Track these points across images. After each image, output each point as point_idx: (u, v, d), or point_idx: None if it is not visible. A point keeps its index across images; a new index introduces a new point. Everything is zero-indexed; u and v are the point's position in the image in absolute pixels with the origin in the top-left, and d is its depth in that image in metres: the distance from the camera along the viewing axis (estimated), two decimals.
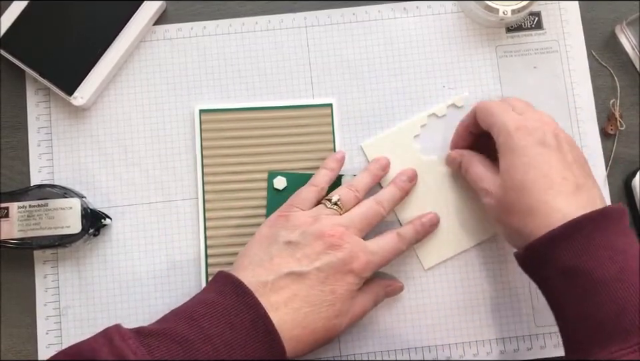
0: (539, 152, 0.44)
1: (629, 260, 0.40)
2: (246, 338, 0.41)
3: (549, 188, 0.43)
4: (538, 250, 0.42)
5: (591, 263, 0.40)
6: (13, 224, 0.51)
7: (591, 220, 0.41)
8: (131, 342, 0.39)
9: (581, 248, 0.40)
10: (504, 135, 0.46)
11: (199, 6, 0.57)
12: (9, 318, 0.53)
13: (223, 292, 0.43)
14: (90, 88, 0.54)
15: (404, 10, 0.57)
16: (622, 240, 0.41)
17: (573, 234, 0.41)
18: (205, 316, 0.41)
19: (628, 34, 0.56)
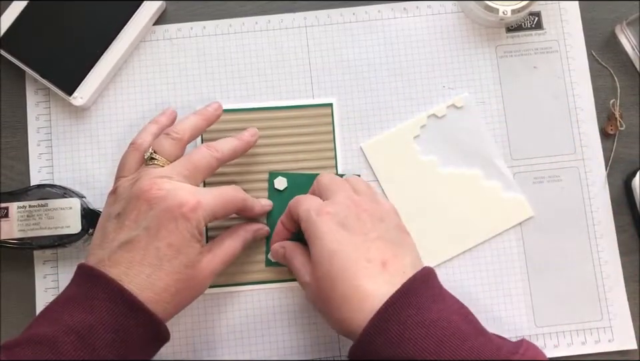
0: (341, 236, 0.43)
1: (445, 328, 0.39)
2: (108, 315, 0.40)
3: (356, 273, 0.42)
4: (359, 353, 0.42)
5: (409, 349, 0.39)
6: (12, 224, 0.51)
7: (396, 301, 0.40)
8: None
9: (395, 338, 0.39)
10: (307, 222, 0.45)
11: (198, 6, 0.57)
12: (9, 318, 0.53)
13: (75, 281, 0.43)
14: (90, 88, 0.54)
15: (404, 10, 0.57)
16: (434, 307, 0.41)
17: (383, 326, 0.40)
18: (63, 309, 0.41)
19: (628, 34, 0.56)
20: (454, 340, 0.39)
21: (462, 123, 0.55)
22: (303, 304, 0.54)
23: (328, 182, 0.48)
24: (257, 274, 0.53)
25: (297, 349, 0.53)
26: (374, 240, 0.44)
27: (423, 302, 0.41)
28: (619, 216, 0.55)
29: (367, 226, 0.44)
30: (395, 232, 0.45)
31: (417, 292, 0.41)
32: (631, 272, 0.54)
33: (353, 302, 0.41)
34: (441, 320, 0.40)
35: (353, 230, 0.44)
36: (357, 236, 0.43)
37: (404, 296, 0.40)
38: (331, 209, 0.45)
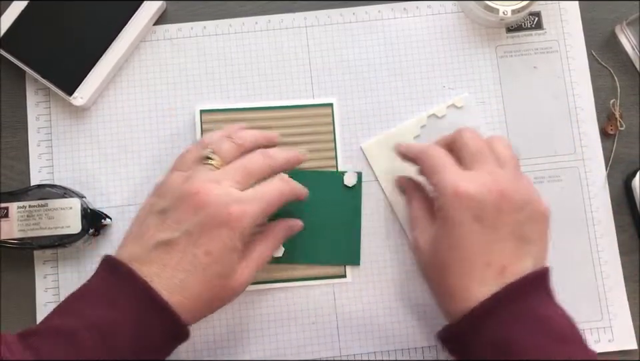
0: (469, 230, 0.42)
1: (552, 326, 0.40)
2: (131, 315, 0.40)
3: (468, 274, 0.42)
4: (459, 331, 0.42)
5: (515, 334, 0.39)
6: (12, 224, 0.51)
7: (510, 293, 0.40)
8: (13, 347, 0.38)
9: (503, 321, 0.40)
10: (442, 200, 0.43)
11: (199, 6, 0.57)
12: (9, 318, 0.53)
13: (100, 274, 0.43)
14: (90, 88, 0.54)
15: (404, 11, 0.57)
16: (544, 306, 0.41)
17: (494, 309, 0.40)
18: (86, 303, 0.41)
19: (628, 34, 0.56)
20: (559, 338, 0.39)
21: (462, 123, 0.55)
22: (303, 303, 0.54)
23: (474, 149, 0.45)
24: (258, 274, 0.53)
25: (297, 349, 0.53)
26: (503, 238, 0.42)
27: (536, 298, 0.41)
28: (618, 216, 0.55)
29: (502, 218, 0.42)
30: (529, 224, 0.43)
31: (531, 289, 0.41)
32: (631, 272, 0.54)
33: (456, 299, 0.42)
34: (551, 317, 0.40)
35: (487, 223, 0.42)
36: (486, 232, 0.42)
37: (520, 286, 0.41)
38: (471, 191, 0.42)
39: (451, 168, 0.44)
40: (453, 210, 0.42)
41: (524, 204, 0.43)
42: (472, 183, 0.42)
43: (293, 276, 0.53)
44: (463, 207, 0.42)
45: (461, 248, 0.42)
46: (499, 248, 0.42)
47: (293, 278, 0.53)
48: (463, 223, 0.42)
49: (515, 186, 0.43)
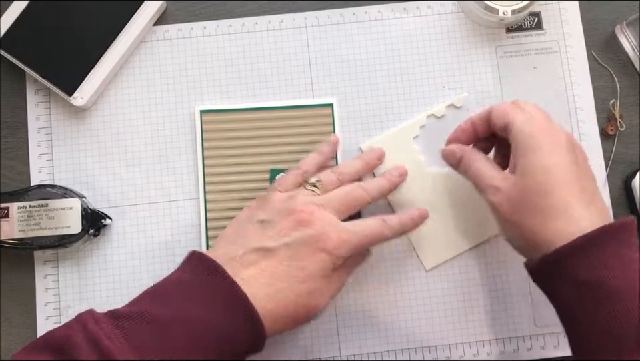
0: (562, 158, 0.43)
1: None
2: (224, 318, 0.41)
3: (572, 196, 0.42)
4: (552, 263, 0.42)
5: (604, 274, 0.39)
6: (13, 224, 0.51)
7: (605, 233, 0.41)
8: (104, 326, 0.39)
9: (595, 261, 0.40)
10: (525, 134, 0.44)
11: (198, 7, 0.57)
12: (9, 318, 0.53)
13: (196, 272, 0.43)
14: (90, 89, 0.54)
15: (404, 11, 0.57)
16: (635, 251, 0.41)
17: (589, 249, 0.40)
18: (179, 297, 0.41)
19: (628, 35, 0.56)
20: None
21: None
22: None
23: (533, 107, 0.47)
24: None
25: (297, 349, 0.53)
26: (586, 174, 0.44)
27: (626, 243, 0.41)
28: (619, 216, 0.55)
29: (580, 157, 0.45)
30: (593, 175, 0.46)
31: (622, 234, 0.41)
32: None
33: (560, 219, 0.42)
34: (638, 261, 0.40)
35: (572, 155, 0.44)
36: (574, 163, 0.44)
37: (614, 229, 0.41)
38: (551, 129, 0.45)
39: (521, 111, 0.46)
40: (541, 141, 0.44)
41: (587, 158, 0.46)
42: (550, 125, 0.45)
43: None
44: (549, 138, 0.44)
45: (560, 171, 0.43)
46: (586, 179, 0.44)
47: None
48: (553, 151, 0.43)
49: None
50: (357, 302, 0.54)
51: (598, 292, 0.39)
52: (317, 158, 0.51)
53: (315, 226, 0.45)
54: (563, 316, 0.43)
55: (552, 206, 0.42)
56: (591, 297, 0.40)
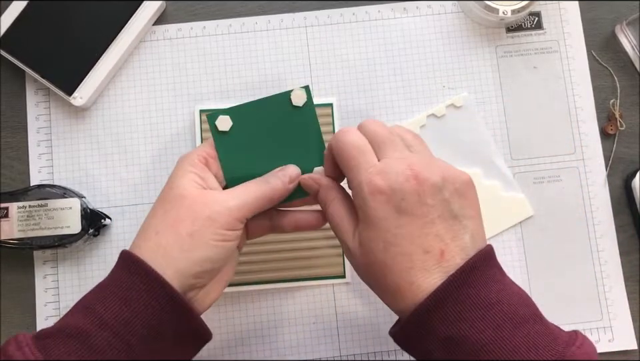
0: (397, 223, 0.39)
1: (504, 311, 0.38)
2: (145, 311, 0.39)
3: (411, 268, 0.39)
4: (411, 328, 0.40)
5: (466, 329, 0.38)
6: (12, 224, 0.51)
7: (456, 280, 0.39)
8: (26, 350, 0.38)
9: (452, 315, 0.38)
10: (359, 199, 0.40)
11: (198, 6, 0.57)
12: (9, 318, 0.53)
13: (115, 269, 0.41)
14: (90, 88, 0.54)
15: (404, 11, 0.57)
16: (494, 287, 0.39)
17: (440, 304, 0.39)
18: (99, 301, 0.39)
19: (628, 34, 0.56)
20: (511, 324, 0.38)
21: (461, 123, 0.55)
22: (303, 303, 0.54)
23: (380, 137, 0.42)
24: (257, 274, 0.53)
25: (297, 349, 0.53)
26: (434, 222, 0.39)
27: (483, 281, 0.39)
28: (619, 216, 0.55)
29: (427, 203, 0.39)
30: (457, 198, 0.40)
31: (476, 271, 0.39)
32: (631, 272, 0.54)
33: (405, 295, 0.40)
34: (499, 302, 0.38)
35: (412, 212, 0.39)
36: (415, 221, 0.39)
37: (464, 274, 0.39)
38: (386, 184, 0.39)
39: (364, 163, 0.41)
40: (374, 208, 0.40)
41: (443, 182, 0.40)
42: (386, 176, 0.40)
43: (293, 276, 0.53)
44: (384, 202, 0.40)
45: (395, 244, 0.40)
46: (432, 233, 0.39)
47: (293, 278, 0.53)
48: (388, 218, 0.39)
49: (430, 167, 0.41)
50: (356, 301, 0.54)
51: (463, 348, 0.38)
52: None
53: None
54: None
55: (393, 283, 0.40)
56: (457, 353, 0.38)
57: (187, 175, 0.43)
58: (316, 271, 0.54)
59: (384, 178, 0.40)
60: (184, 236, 0.40)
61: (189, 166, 0.43)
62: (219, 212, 0.41)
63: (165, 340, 0.40)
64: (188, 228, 0.41)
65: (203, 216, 0.41)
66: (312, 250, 0.54)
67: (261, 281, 0.53)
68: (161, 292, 0.39)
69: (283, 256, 0.54)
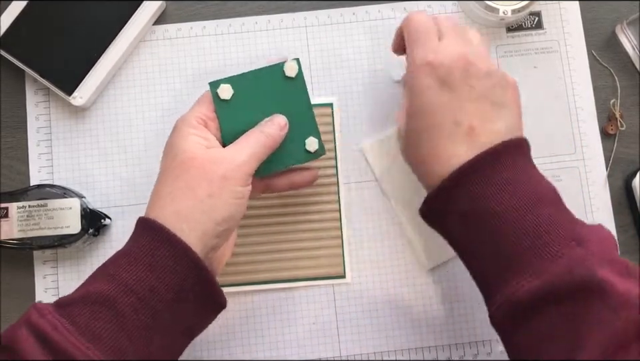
0: (436, 93, 0.42)
1: (524, 190, 0.40)
2: (170, 276, 0.39)
3: (442, 137, 0.42)
4: (434, 203, 0.43)
5: (484, 202, 0.40)
6: (12, 224, 0.51)
7: (479, 162, 0.40)
8: (49, 317, 0.38)
9: (473, 191, 0.40)
10: (411, 70, 0.44)
11: (198, 6, 0.57)
12: (9, 318, 0.53)
13: (136, 236, 0.41)
14: (89, 88, 0.54)
15: (404, 11, 0.57)
16: (518, 172, 0.41)
17: (462, 180, 0.41)
18: (122, 267, 0.40)
19: (628, 34, 0.56)
20: (531, 202, 0.39)
21: None
22: (303, 303, 0.54)
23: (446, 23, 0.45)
24: (257, 274, 0.53)
25: (297, 349, 0.53)
26: (472, 100, 0.42)
27: (508, 166, 0.41)
28: (619, 216, 0.55)
29: (469, 81, 0.42)
30: (500, 90, 0.43)
31: (503, 157, 0.41)
32: None
33: (432, 165, 0.42)
34: (522, 182, 0.40)
35: (454, 86, 0.42)
36: (453, 95, 0.42)
37: (489, 157, 0.41)
38: (437, 59, 0.42)
39: (427, 40, 0.44)
40: (419, 78, 0.43)
41: (490, 72, 0.43)
42: (441, 53, 0.43)
43: (293, 276, 0.53)
44: (430, 73, 0.42)
45: (431, 113, 0.42)
46: (467, 108, 0.42)
47: (293, 278, 0.53)
48: (429, 88, 0.42)
49: (483, 58, 0.44)
50: (356, 302, 0.54)
51: (481, 220, 0.40)
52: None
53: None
54: (457, 250, 0.44)
55: (422, 153, 0.43)
56: (475, 226, 0.40)
57: (189, 137, 0.43)
58: (316, 271, 0.54)
59: (438, 54, 0.43)
60: (203, 198, 0.41)
61: (190, 128, 0.44)
62: (231, 169, 0.42)
63: (187, 305, 0.40)
64: (205, 189, 0.41)
65: (217, 176, 0.42)
66: (312, 250, 0.54)
67: (260, 281, 0.53)
68: (184, 257, 0.40)
69: (282, 256, 0.54)
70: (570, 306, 0.36)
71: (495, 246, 0.39)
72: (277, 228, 0.54)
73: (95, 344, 0.37)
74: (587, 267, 0.36)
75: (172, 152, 0.43)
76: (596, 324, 0.35)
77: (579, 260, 0.37)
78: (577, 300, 0.36)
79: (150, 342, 0.39)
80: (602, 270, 0.36)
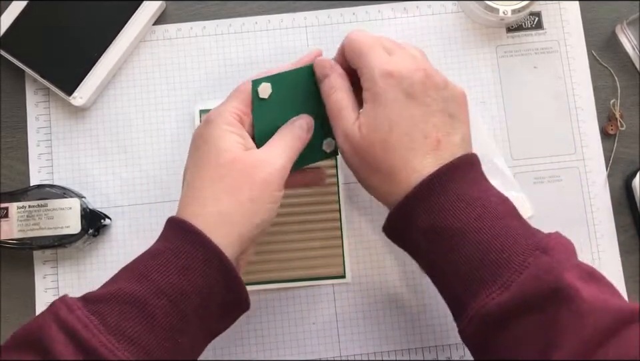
0: (404, 106, 0.42)
1: (484, 205, 0.40)
2: (201, 280, 0.39)
3: (411, 149, 0.42)
4: (396, 219, 0.43)
5: (447, 219, 0.40)
6: (12, 224, 0.51)
7: (441, 176, 0.41)
8: (79, 313, 0.37)
9: (435, 206, 0.40)
10: (370, 81, 0.43)
11: (198, 6, 0.57)
12: (9, 318, 0.53)
13: (168, 237, 0.41)
14: (89, 88, 0.54)
15: (404, 10, 0.57)
16: (476, 187, 0.41)
17: (427, 195, 0.41)
18: (153, 268, 0.39)
19: (628, 34, 0.56)
20: (491, 216, 0.40)
21: None
22: (303, 303, 0.54)
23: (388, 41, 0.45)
24: (257, 274, 0.53)
25: (297, 349, 0.53)
26: (434, 113, 0.43)
27: (466, 180, 0.41)
28: (619, 216, 0.55)
29: (430, 93, 0.43)
30: (454, 102, 0.44)
31: (462, 170, 0.41)
32: (631, 272, 0.54)
33: (400, 175, 0.42)
34: (481, 198, 0.41)
35: (418, 99, 0.42)
36: (419, 107, 0.42)
37: (450, 171, 0.41)
38: (397, 70, 0.42)
39: (378, 50, 0.44)
40: (385, 89, 0.42)
41: (444, 84, 0.44)
42: (397, 65, 0.43)
43: (293, 276, 0.53)
44: (394, 85, 0.42)
45: (400, 124, 0.42)
46: (432, 122, 0.42)
47: (293, 278, 0.53)
48: (397, 100, 0.42)
49: (434, 71, 0.44)
50: (356, 301, 0.54)
51: (444, 237, 0.40)
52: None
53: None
54: (422, 265, 0.44)
55: (391, 164, 0.42)
56: (439, 243, 0.40)
57: (228, 136, 0.43)
58: (316, 271, 0.54)
59: (395, 66, 0.43)
60: (244, 202, 0.41)
61: (228, 126, 0.43)
62: (272, 173, 0.42)
63: (214, 308, 0.41)
64: (246, 193, 0.41)
65: (259, 181, 0.42)
66: (312, 250, 0.54)
67: (261, 281, 0.53)
68: (217, 262, 0.40)
69: (283, 256, 0.54)
70: (538, 314, 0.37)
71: (461, 261, 0.39)
72: (277, 228, 0.54)
73: (124, 344, 0.37)
74: (554, 274, 0.37)
75: (210, 150, 0.43)
76: (564, 331, 0.35)
77: (546, 268, 0.37)
78: (546, 308, 0.36)
79: (176, 343, 0.39)
80: (568, 275, 0.36)
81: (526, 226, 0.41)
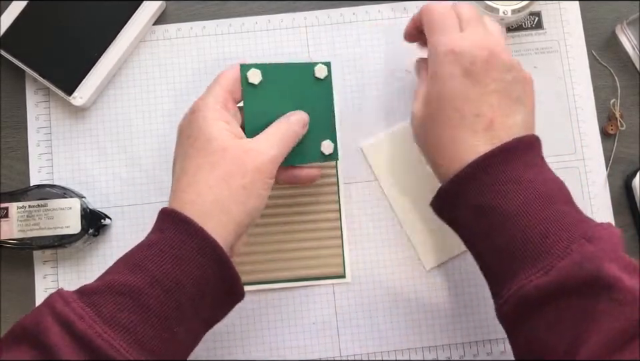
0: (460, 82, 0.43)
1: (536, 189, 0.40)
2: (195, 270, 0.39)
3: (459, 125, 0.42)
4: (446, 195, 0.43)
5: (496, 199, 0.40)
6: (12, 224, 0.51)
7: (495, 156, 0.41)
8: (75, 305, 0.37)
9: (486, 186, 0.41)
10: (433, 57, 0.44)
11: (198, 6, 0.57)
12: (9, 318, 0.53)
13: (162, 228, 0.41)
14: (89, 88, 0.54)
15: (404, 10, 0.57)
16: (530, 170, 0.41)
17: (477, 174, 0.41)
18: (148, 258, 0.39)
19: (628, 34, 0.56)
20: (542, 200, 0.40)
21: None
22: (303, 303, 0.54)
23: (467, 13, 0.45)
24: (257, 274, 0.53)
25: (297, 349, 0.53)
26: (492, 93, 0.43)
27: (522, 162, 0.41)
28: (619, 216, 0.55)
29: (492, 74, 0.43)
30: (518, 85, 0.44)
31: (518, 152, 0.41)
32: None
33: (447, 151, 0.43)
34: (534, 181, 0.41)
35: (476, 77, 0.42)
36: (476, 86, 0.42)
37: (503, 152, 0.41)
38: (459, 47, 0.43)
39: (449, 29, 0.44)
40: (443, 65, 0.43)
41: (511, 66, 0.44)
42: (464, 41, 0.43)
43: (293, 276, 0.53)
44: (453, 61, 0.43)
45: (452, 99, 0.43)
46: (488, 101, 0.42)
47: (293, 278, 0.53)
48: (454, 76, 0.43)
49: (506, 51, 0.44)
50: (356, 301, 0.54)
51: (491, 216, 0.40)
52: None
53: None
54: (465, 241, 0.44)
55: (438, 138, 0.43)
56: (485, 222, 0.41)
57: (215, 124, 0.43)
58: (316, 271, 0.54)
59: (462, 42, 0.43)
60: (237, 189, 0.42)
61: (214, 113, 0.44)
62: (264, 162, 0.43)
63: (209, 297, 0.41)
64: (239, 181, 0.42)
65: (251, 168, 0.42)
66: (312, 250, 0.54)
67: (261, 281, 0.53)
68: (211, 252, 0.40)
69: (282, 256, 0.54)
70: (577, 299, 0.37)
71: (505, 241, 0.40)
72: (277, 228, 0.54)
73: (119, 334, 0.37)
74: (596, 263, 0.37)
75: (199, 138, 0.43)
76: (602, 318, 0.35)
77: (589, 256, 0.37)
78: (585, 295, 0.36)
79: (172, 333, 0.39)
80: (610, 266, 0.36)
81: (577, 212, 0.41)
